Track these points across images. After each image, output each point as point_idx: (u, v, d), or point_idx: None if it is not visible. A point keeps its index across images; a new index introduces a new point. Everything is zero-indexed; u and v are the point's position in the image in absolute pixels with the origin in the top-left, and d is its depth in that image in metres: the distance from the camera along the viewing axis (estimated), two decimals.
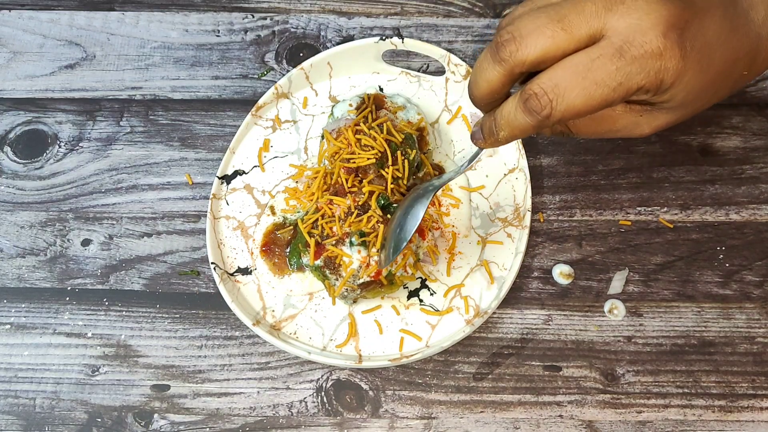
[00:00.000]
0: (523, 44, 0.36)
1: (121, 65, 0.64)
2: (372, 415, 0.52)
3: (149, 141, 0.61)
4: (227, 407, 0.53)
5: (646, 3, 0.36)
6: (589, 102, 0.36)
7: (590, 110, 0.37)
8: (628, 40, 0.35)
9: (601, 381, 0.53)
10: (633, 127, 0.42)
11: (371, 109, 0.56)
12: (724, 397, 0.52)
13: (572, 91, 0.36)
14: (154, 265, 0.57)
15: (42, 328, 0.55)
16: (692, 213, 0.58)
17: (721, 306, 0.55)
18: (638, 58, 0.36)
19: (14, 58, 0.65)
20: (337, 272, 0.50)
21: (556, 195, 0.59)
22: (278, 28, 0.66)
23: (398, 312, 0.54)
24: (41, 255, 0.58)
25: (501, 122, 0.39)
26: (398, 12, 0.66)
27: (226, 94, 0.63)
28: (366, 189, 0.51)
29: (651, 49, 0.36)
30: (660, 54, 0.36)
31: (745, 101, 0.61)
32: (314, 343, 0.53)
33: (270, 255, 0.55)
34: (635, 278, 0.56)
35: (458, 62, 0.59)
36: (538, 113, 0.37)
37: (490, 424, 0.52)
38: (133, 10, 0.66)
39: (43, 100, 0.63)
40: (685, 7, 0.37)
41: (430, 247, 0.54)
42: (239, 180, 0.58)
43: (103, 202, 0.59)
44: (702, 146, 0.60)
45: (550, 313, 0.55)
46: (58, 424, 0.52)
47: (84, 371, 0.54)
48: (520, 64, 0.37)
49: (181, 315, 0.55)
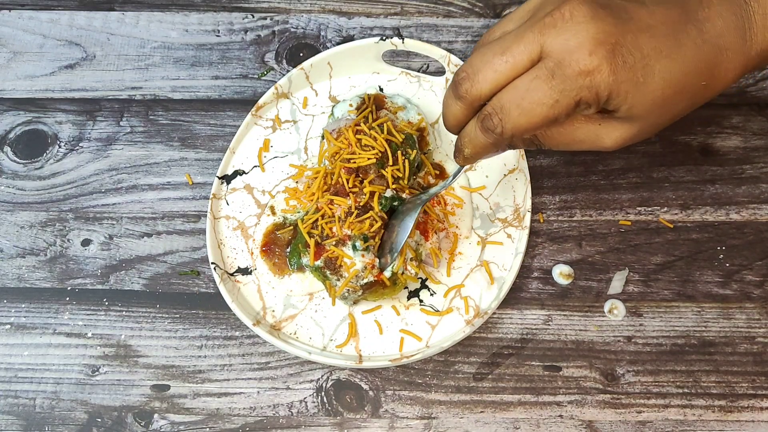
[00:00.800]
0: (476, 80, 0.41)
1: (121, 65, 0.64)
2: (372, 415, 0.52)
3: (149, 141, 0.61)
4: (227, 407, 0.53)
5: (575, 24, 0.39)
6: (531, 119, 0.41)
7: (535, 126, 0.41)
8: (560, 60, 0.39)
9: (601, 381, 0.53)
10: (595, 138, 0.45)
11: (371, 109, 0.56)
12: (724, 397, 0.52)
13: (515, 111, 0.40)
14: (154, 265, 0.57)
15: (42, 328, 0.55)
16: (692, 213, 0.58)
17: (721, 306, 0.55)
18: (570, 76, 0.39)
19: (14, 58, 0.65)
20: (338, 273, 0.50)
21: (556, 195, 0.59)
22: (278, 28, 0.66)
23: (398, 312, 0.54)
24: (41, 255, 0.58)
25: (465, 140, 0.45)
26: (398, 12, 0.66)
27: (226, 94, 0.63)
28: (367, 189, 0.51)
29: (579, 67, 0.39)
30: (588, 71, 0.39)
31: (745, 101, 0.61)
32: (314, 343, 0.53)
33: (270, 255, 0.55)
34: (635, 278, 0.56)
35: (458, 62, 0.59)
36: (492, 131, 0.42)
37: (490, 424, 0.52)
38: (133, 10, 0.66)
39: (43, 100, 0.63)
40: (617, 23, 0.40)
41: (432, 249, 0.54)
42: (239, 180, 0.58)
43: (103, 202, 0.59)
44: (702, 146, 0.60)
45: (550, 313, 0.55)
46: (58, 424, 0.52)
47: (84, 371, 0.54)
48: (477, 98, 0.42)
49: (181, 315, 0.55)
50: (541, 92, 0.40)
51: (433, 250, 0.54)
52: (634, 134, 0.45)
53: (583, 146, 0.46)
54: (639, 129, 0.44)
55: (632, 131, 0.44)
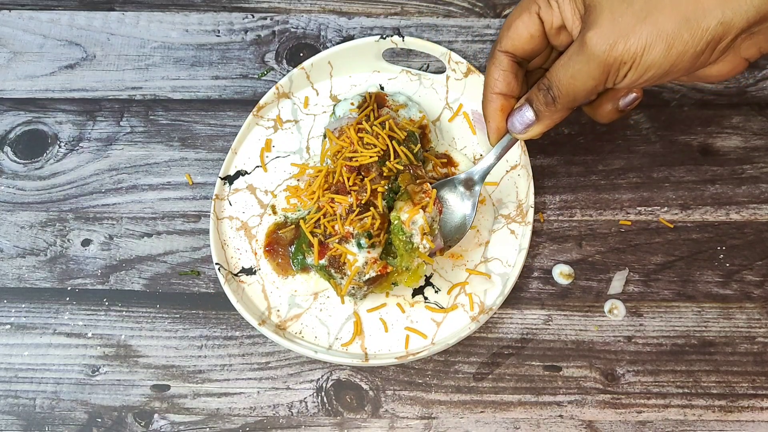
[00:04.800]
0: None
1: (121, 65, 0.64)
2: (372, 415, 0.52)
3: (149, 141, 0.61)
4: (227, 407, 0.53)
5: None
6: None
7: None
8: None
9: (601, 381, 0.53)
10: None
11: (373, 107, 0.56)
12: (724, 397, 0.52)
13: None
14: (154, 265, 0.57)
15: (42, 328, 0.55)
16: (692, 213, 0.58)
17: (721, 306, 0.55)
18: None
19: (14, 58, 0.65)
20: (342, 271, 0.50)
21: (557, 195, 0.59)
22: (278, 28, 0.66)
23: (403, 310, 0.54)
24: (41, 255, 0.58)
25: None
26: (398, 12, 0.66)
27: (227, 94, 0.63)
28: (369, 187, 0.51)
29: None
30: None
31: (745, 101, 0.61)
32: (320, 342, 0.53)
33: (273, 255, 0.55)
34: (635, 278, 0.56)
35: (459, 60, 0.59)
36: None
37: (490, 424, 0.52)
38: (134, 10, 0.66)
39: (43, 100, 0.63)
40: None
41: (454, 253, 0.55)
42: (242, 180, 0.58)
43: (103, 202, 0.59)
44: (702, 146, 0.60)
45: (551, 313, 0.55)
46: (58, 424, 0.52)
47: (84, 371, 0.54)
48: None
49: (181, 315, 0.55)
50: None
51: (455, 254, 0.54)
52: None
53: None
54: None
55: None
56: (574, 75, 0.43)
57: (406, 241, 0.49)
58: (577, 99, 0.45)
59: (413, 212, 0.50)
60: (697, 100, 0.62)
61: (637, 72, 0.42)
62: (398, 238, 0.50)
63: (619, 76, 0.43)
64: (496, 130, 0.50)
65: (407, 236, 0.49)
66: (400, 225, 0.50)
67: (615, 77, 0.43)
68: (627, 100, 0.47)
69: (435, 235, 0.51)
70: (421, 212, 0.50)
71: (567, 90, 0.44)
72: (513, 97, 0.49)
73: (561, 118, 0.47)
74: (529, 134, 0.48)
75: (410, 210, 0.50)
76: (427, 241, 0.50)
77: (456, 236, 0.53)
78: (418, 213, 0.50)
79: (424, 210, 0.50)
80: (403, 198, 0.51)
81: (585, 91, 0.44)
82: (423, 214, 0.49)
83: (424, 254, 0.50)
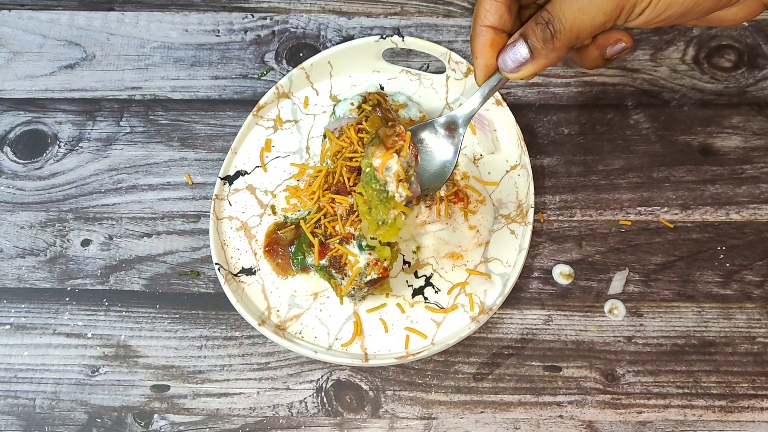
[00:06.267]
0: None
1: (121, 65, 0.64)
2: (372, 416, 0.52)
3: (149, 141, 0.61)
4: (227, 407, 0.53)
5: None
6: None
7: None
8: None
9: (601, 381, 0.53)
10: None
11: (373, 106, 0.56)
12: (724, 398, 0.52)
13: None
14: (153, 265, 0.57)
15: (42, 328, 0.55)
16: (692, 213, 0.58)
17: (721, 306, 0.55)
18: None
19: (14, 58, 0.65)
20: (343, 272, 0.50)
21: (556, 195, 0.59)
22: (278, 28, 0.66)
23: (403, 310, 0.54)
24: (41, 255, 0.58)
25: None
26: (398, 12, 0.66)
27: (226, 94, 0.63)
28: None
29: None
30: None
31: (745, 101, 0.61)
32: (320, 343, 0.53)
33: (273, 255, 0.55)
34: (635, 278, 0.56)
35: (459, 60, 0.59)
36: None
37: (490, 425, 0.52)
38: (133, 10, 0.66)
39: (42, 100, 0.63)
40: None
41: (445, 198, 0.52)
42: (241, 180, 0.58)
43: (103, 203, 0.59)
44: (702, 146, 0.60)
45: (551, 313, 0.55)
46: (58, 424, 0.52)
47: (84, 371, 0.54)
48: None
49: (181, 315, 0.55)
50: None
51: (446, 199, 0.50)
52: None
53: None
54: None
55: None
56: (582, 8, 0.38)
57: (380, 190, 0.46)
58: (581, 36, 0.40)
59: (386, 157, 0.45)
60: (697, 99, 0.62)
61: (655, 10, 0.38)
62: (371, 188, 0.46)
63: (634, 12, 0.39)
64: (484, 67, 0.43)
65: (381, 184, 0.45)
66: (373, 172, 0.45)
67: (629, 14, 0.39)
68: (615, 48, 0.42)
69: (411, 182, 0.47)
70: (395, 157, 0.45)
71: (571, 25, 0.39)
72: (504, 32, 0.43)
73: (558, 59, 0.42)
74: (521, 73, 0.42)
75: (383, 155, 0.45)
76: (403, 189, 0.45)
77: (435, 184, 0.49)
78: (392, 158, 0.45)
79: (398, 154, 0.45)
80: (374, 143, 0.46)
81: (592, 27, 0.39)
82: (397, 159, 0.45)
83: (401, 204, 0.46)
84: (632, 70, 0.62)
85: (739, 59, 0.63)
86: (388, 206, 0.46)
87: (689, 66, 0.63)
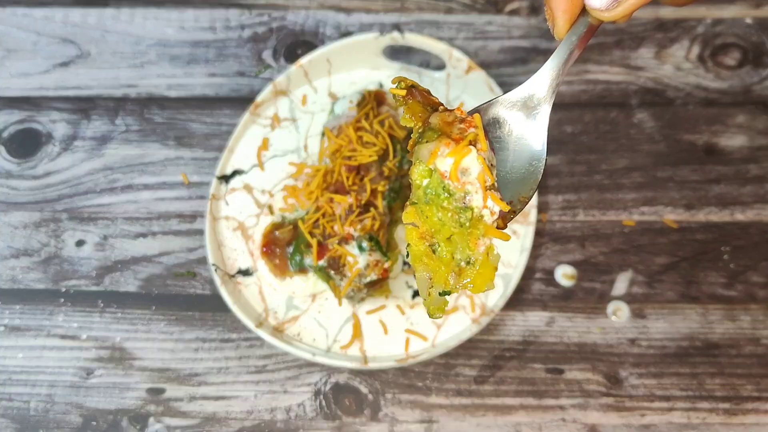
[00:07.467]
0: None
1: (116, 63, 0.63)
2: (371, 419, 0.51)
3: (144, 140, 0.60)
4: (224, 411, 0.52)
5: None
6: None
7: None
8: None
9: (604, 384, 0.52)
10: None
11: (372, 105, 0.55)
12: (728, 400, 0.52)
13: None
14: (149, 266, 0.56)
15: (36, 330, 0.54)
16: (697, 213, 0.57)
17: (725, 307, 0.54)
18: None
19: (8, 56, 0.64)
20: (342, 273, 0.49)
21: (559, 195, 0.58)
22: (276, 25, 0.65)
23: (403, 312, 0.53)
24: (35, 256, 0.57)
25: None
26: (398, 8, 0.65)
27: (223, 92, 0.62)
28: (368, 186, 0.50)
29: None
30: None
31: (750, 99, 0.61)
32: (318, 345, 0.52)
33: (271, 256, 0.54)
34: (639, 279, 0.55)
35: (460, 57, 0.58)
36: None
37: (491, 428, 0.51)
38: (129, 6, 0.65)
39: (37, 98, 0.62)
40: None
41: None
42: (238, 180, 0.58)
43: (98, 202, 0.58)
44: (707, 145, 0.59)
45: (553, 314, 0.54)
46: (53, 427, 0.52)
47: (78, 374, 0.53)
48: None
49: (177, 317, 0.55)
50: None
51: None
52: None
53: None
54: None
55: None
56: None
57: (457, 209, 0.29)
58: None
59: (460, 153, 0.28)
60: (701, 98, 0.61)
61: None
62: (439, 207, 0.29)
63: None
64: (566, 11, 0.32)
65: (457, 199, 0.29)
66: (439, 181, 0.29)
67: None
68: None
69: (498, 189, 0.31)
70: (473, 151, 0.28)
71: None
72: None
73: None
74: (617, 12, 0.32)
75: (454, 150, 0.28)
76: (494, 201, 0.29)
77: (522, 192, 0.32)
78: (469, 153, 0.28)
79: (474, 147, 0.29)
80: (428, 137, 0.30)
81: None
82: (476, 154, 0.29)
83: (492, 227, 0.29)
84: (636, 68, 0.62)
85: (744, 57, 0.62)
86: (475, 233, 0.29)
87: (694, 64, 0.62)
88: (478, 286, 0.30)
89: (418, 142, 0.30)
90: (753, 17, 0.63)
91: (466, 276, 0.29)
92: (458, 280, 0.28)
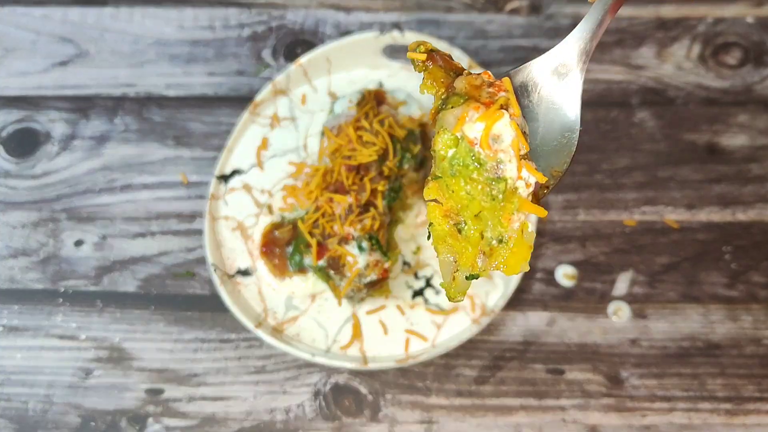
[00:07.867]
0: None
1: (115, 62, 0.63)
2: (371, 420, 0.51)
3: (143, 139, 0.60)
4: (223, 411, 0.52)
5: None
6: None
7: None
8: None
9: (605, 384, 0.52)
10: None
11: (372, 105, 0.55)
12: (729, 400, 0.51)
13: None
14: (148, 266, 0.56)
15: (34, 330, 0.54)
16: (698, 212, 0.57)
17: (727, 307, 0.54)
18: None
19: (6, 55, 0.64)
20: (341, 273, 0.49)
21: (560, 194, 0.58)
22: (275, 24, 0.64)
23: (403, 312, 0.53)
24: (33, 255, 0.56)
25: None
26: (398, 7, 0.65)
27: (222, 91, 0.62)
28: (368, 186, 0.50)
29: None
30: None
31: (751, 99, 0.60)
32: (318, 345, 0.52)
33: (270, 256, 0.54)
34: (640, 279, 0.55)
35: (460, 56, 0.58)
36: None
37: (491, 429, 0.51)
38: (127, 5, 0.65)
39: (35, 97, 0.62)
40: None
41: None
42: (237, 179, 0.57)
43: (97, 202, 0.58)
44: (708, 144, 0.59)
45: (554, 315, 0.54)
46: (51, 428, 0.51)
47: (77, 374, 0.53)
48: None
49: (176, 317, 0.54)
50: None
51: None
52: None
53: None
54: None
55: None
56: None
57: (489, 179, 0.26)
58: None
59: (491, 117, 0.25)
60: (702, 97, 0.60)
61: None
62: (467, 178, 0.26)
63: None
64: None
65: (489, 169, 0.26)
66: (468, 150, 0.26)
67: None
68: None
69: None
70: (505, 116, 0.26)
71: None
72: None
73: None
74: None
75: (484, 114, 0.26)
76: (529, 171, 0.26)
77: (554, 164, 0.30)
78: (501, 118, 0.25)
79: (506, 111, 0.26)
80: (453, 102, 0.27)
81: None
82: (509, 119, 0.26)
83: (527, 200, 0.27)
84: (637, 67, 0.61)
85: (745, 57, 0.62)
86: (509, 207, 0.26)
87: (694, 63, 0.62)
88: (512, 266, 0.27)
89: (442, 109, 0.27)
90: (754, 16, 0.63)
91: (497, 257, 0.26)
92: (489, 262, 0.26)
